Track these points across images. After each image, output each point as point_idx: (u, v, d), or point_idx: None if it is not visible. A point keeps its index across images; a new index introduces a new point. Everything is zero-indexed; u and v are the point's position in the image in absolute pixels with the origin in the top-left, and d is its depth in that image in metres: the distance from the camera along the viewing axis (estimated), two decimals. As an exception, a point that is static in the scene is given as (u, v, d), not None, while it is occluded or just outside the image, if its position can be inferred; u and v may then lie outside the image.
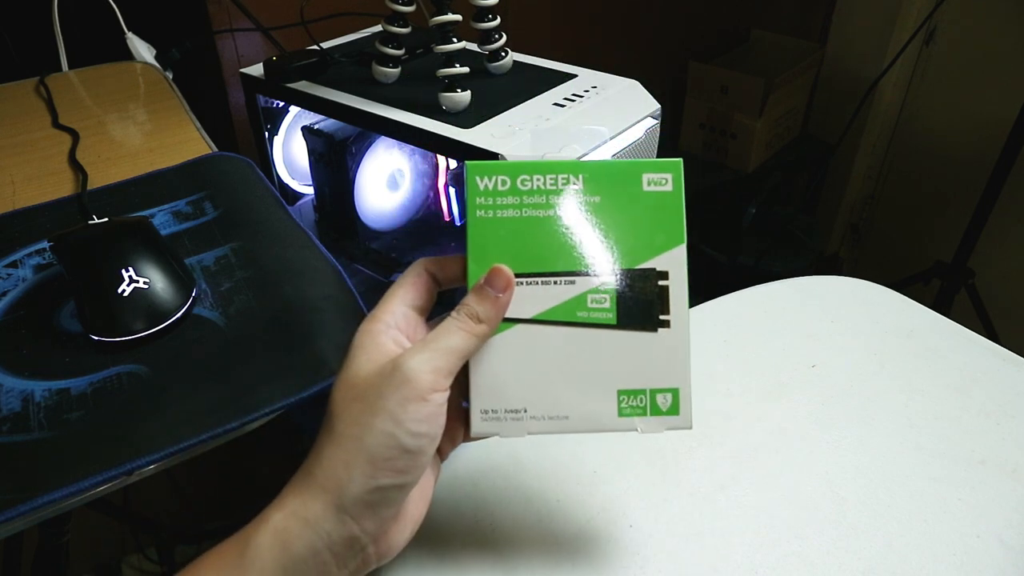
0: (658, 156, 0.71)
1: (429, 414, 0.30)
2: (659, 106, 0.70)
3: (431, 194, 0.87)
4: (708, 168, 1.62)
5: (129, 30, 0.90)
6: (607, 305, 0.34)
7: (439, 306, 0.36)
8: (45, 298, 0.50)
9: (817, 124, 1.85)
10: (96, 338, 0.45)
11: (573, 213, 0.34)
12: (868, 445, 0.45)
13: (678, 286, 0.34)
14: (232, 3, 0.95)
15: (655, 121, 0.69)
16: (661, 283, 0.34)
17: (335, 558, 0.29)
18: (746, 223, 1.55)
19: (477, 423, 0.34)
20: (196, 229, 0.57)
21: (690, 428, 0.34)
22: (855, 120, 1.42)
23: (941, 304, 1.44)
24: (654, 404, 0.34)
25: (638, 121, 0.67)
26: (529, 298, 0.34)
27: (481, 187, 0.34)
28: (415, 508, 0.33)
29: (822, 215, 2.01)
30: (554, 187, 0.34)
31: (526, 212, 0.34)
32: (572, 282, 0.34)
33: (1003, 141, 1.28)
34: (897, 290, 0.58)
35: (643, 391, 0.34)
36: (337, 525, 0.29)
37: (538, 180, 0.34)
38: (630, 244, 0.34)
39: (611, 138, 0.63)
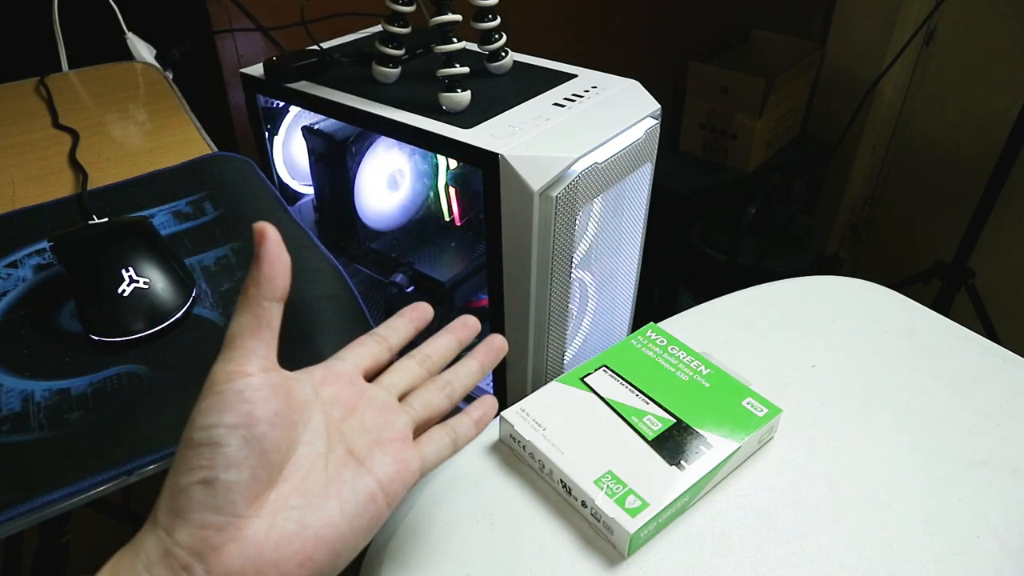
0: (658, 156, 0.71)
1: (220, 404, 0.28)
2: (659, 106, 0.70)
3: (431, 194, 0.87)
4: (708, 168, 1.62)
5: (129, 30, 0.90)
6: (656, 428, 0.43)
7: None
8: (45, 298, 0.49)
9: (817, 124, 1.85)
10: (96, 338, 0.45)
11: (684, 376, 0.46)
12: (868, 445, 0.45)
13: (709, 461, 0.41)
14: (232, 3, 0.95)
15: (655, 121, 0.69)
16: (703, 447, 0.42)
17: None
18: (746, 223, 1.54)
19: (511, 411, 0.44)
20: (196, 229, 0.57)
21: (624, 556, 0.38)
22: (855, 120, 1.42)
23: (941, 304, 1.44)
24: (623, 497, 0.39)
25: (638, 121, 0.67)
26: (613, 387, 0.46)
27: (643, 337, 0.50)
28: (279, 524, 0.28)
29: (822, 215, 2.01)
30: (686, 359, 0.48)
31: (658, 358, 0.48)
32: (647, 403, 0.44)
33: (1003, 141, 1.28)
34: (897, 290, 0.58)
35: (625, 484, 0.39)
36: (153, 541, 0.27)
37: (678, 350, 0.48)
38: (702, 414, 0.44)
39: (614, 136, 0.63)
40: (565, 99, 0.67)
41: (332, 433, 0.32)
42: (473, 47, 0.73)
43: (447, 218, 0.88)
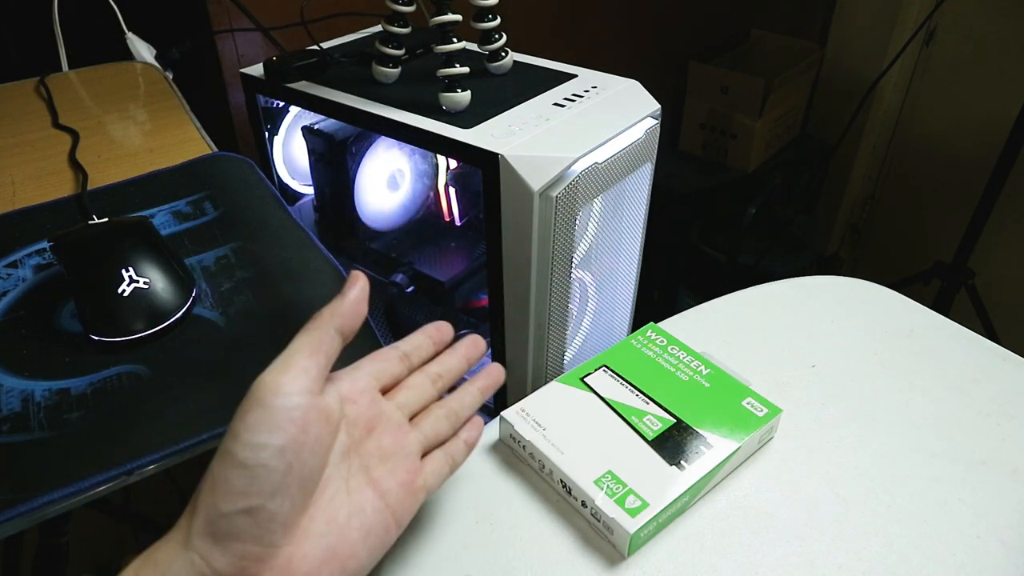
0: (658, 156, 0.71)
1: (269, 422, 0.27)
2: (659, 106, 0.70)
3: (431, 194, 0.87)
4: (708, 168, 1.62)
5: (129, 30, 0.90)
6: (656, 428, 0.43)
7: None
8: (45, 298, 0.49)
9: (817, 124, 1.85)
10: (96, 338, 0.45)
11: (684, 376, 0.46)
12: (868, 445, 0.45)
13: (709, 461, 0.41)
14: (232, 3, 0.95)
15: (655, 121, 0.69)
16: (703, 447, 0.41)
17: None
18: (746, 223, 1.54)
19: (511, 411, 0.44)
20: (196, 229, 0.57)
21: (624, 556, 0.38)
22: (855, 120, 1.42)
23: (941, 304, 1.44)
24: (623, 497, 0.39)
25: (638, 121, 0.67)
26: (613, 387, 0.45)
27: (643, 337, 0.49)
28: (310, 553, 0.28)
29: (822, 215, 2.01)
30: (686, 359, 0.48)
31: (658, 358, 0.48)
32: (647, 403, 0.44)
33: (1003, 141, 1.28)
34: (897, 290, 0.58)
35: (625, 484, 0.39)
36: (185, 564, 0.26)
37: (678, 350, 0.48)
38: (702, 414, 0.43)
39: (614, 136, 0.63)
40: (565, 99, 0.67)
41: (352, 454, 0.32)
42: (473, 47, 0.73)
43: (447, 218, 0.88)
